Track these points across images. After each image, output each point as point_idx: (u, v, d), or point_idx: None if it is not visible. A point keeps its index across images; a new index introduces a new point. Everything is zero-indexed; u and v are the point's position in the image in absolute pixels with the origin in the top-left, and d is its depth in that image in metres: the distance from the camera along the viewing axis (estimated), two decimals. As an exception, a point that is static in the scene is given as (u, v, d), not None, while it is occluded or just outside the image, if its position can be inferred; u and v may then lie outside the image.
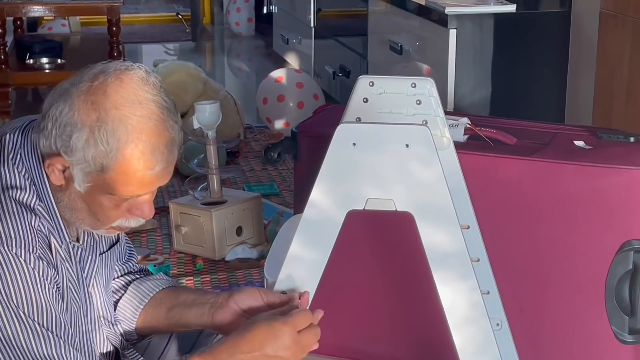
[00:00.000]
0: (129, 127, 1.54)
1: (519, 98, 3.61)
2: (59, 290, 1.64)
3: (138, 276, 1.94)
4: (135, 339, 1.92)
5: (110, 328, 1.85)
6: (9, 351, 1.56)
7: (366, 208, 1.73)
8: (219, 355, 1.64)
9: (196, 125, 3.17)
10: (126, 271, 1.94)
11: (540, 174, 2.28)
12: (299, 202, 2.59)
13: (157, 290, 1.91)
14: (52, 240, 1.64)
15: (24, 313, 1.56)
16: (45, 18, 6.30)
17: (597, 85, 3.24)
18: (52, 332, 1.59)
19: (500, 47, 3.54)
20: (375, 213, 1.73)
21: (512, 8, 3.53)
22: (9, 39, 4.79)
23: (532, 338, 2.32)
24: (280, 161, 4.08)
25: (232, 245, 3.18)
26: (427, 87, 1.95)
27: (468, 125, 2.39)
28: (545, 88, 3.63)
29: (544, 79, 3.62)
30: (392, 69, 4.06)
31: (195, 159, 3.30)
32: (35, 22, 6.46)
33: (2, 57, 4.47)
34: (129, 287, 1.91)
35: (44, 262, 1.59)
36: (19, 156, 1.63)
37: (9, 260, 1.56)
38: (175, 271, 3.09)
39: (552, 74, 3.62)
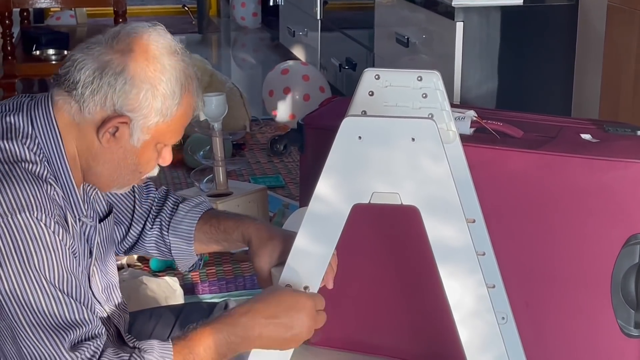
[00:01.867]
0: (181, 73, 1.65)
1: (526, 91, 3.60)
2: (76, 258, 1.65)
3: (165, 215, 1.96)
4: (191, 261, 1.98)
5: (115, 307, 1.85)
6: (32, 317, 1.56)
7: (372, 202, 1.72)
8: (239, 319, 1.66)
9: (202, 117, 3.17)
10: (148, 207, 1.96)
11: (547, 167, 2.27)
12: (304, 195, 2.59)
13: (194, 227, 1.94)
14: (68, 214, 1.66)
15: (46, 279, 1.57)
16: (52, 9, 6.30)
17: (604, 79, 3.23)
18: (73, 298, 1.59)
19: (507, 40, 3.53)
20: (380, 207, 1.73)
21: (519, 1, 3.52)
22: (16, 30, 4.79)
23: (538, 332, 2.32)
24: (285, 153, 4.07)
25: (237, 237, 3.18)
26: (433, 80, 1.94)
27: (474, 118, 2.39)
28: (552, 81, 3.62)
29: (551, 72, 3.61)
30: (398, 61, 4.05)
31: (201, 151, 3.31)
32: (41, 13, 6.46)
33: (9, 48, 4.47)
34: (168, 234, 1.94)
35: (62, 227, 1.61)
36: (29, 136, 1.64)
37: (31, 226, 1.56)
38: (180, 263, 3.09)
39: (559, 67, 3.61)
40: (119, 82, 1.60)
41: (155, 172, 1.74)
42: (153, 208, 1.96)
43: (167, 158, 1.72)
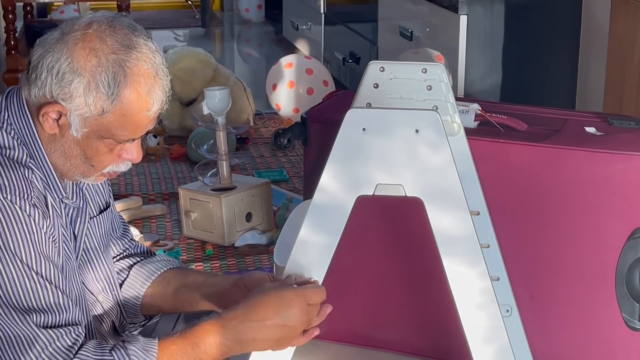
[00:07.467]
0: (127, 70, 1.59)
1: (530, 84, 3.60)
2: (55, 243, 1.63)
3: (140, 258, 1.94)
4: (141, 321, 1.92)
5: (112, 299, 1.84)
6: (5, 297, 1.55)
7: (375, 193, 1.72)
8: (229, 322, 1.65)
9: (206, 111, 3.17)
10: (123, 248, 1.93)
11: (551, 160, 2.27)
12: (308, 188, 2.59)
13: (164, 269, 1.91)
14: (48, 196, 1.65)
15: (21, 260, 1.56)
16: (56, 3, 6.30)
17: (608, 71, 3.23)
18: (48, 281, 1.58)
19: (511, 33, 3.53)
20: (384, 198, 1.73)
21: (523, -6, 3.52)
22: (19, 24, 4.79)
23: (542, 324, 2.32)
24: (289, 147, 4.08)
25: (241, 231, 3.18)
26: (438, 72, 1.94)
27: (479, 112, 2.38)
28: (556, 74, 3.62)
29: (555, 65, 3.61)
30: (402, 55, 4.04)
31: (204, 145, 3.30)
32: (45, 8, 6.47)
33: (12, 42, 4.47)
34: (133, 268, 1.91)
35: (40, 211, 1.60)
36: (5, 120, 1.65)
37: (4, 207, 1.56)
38: (184, 257, 3.09)
39: (563, 60, 3.60)
40: (55, 69, 1.59)
41: (123, 167, 1.70)
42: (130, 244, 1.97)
43: (134, 155, 1.68)
